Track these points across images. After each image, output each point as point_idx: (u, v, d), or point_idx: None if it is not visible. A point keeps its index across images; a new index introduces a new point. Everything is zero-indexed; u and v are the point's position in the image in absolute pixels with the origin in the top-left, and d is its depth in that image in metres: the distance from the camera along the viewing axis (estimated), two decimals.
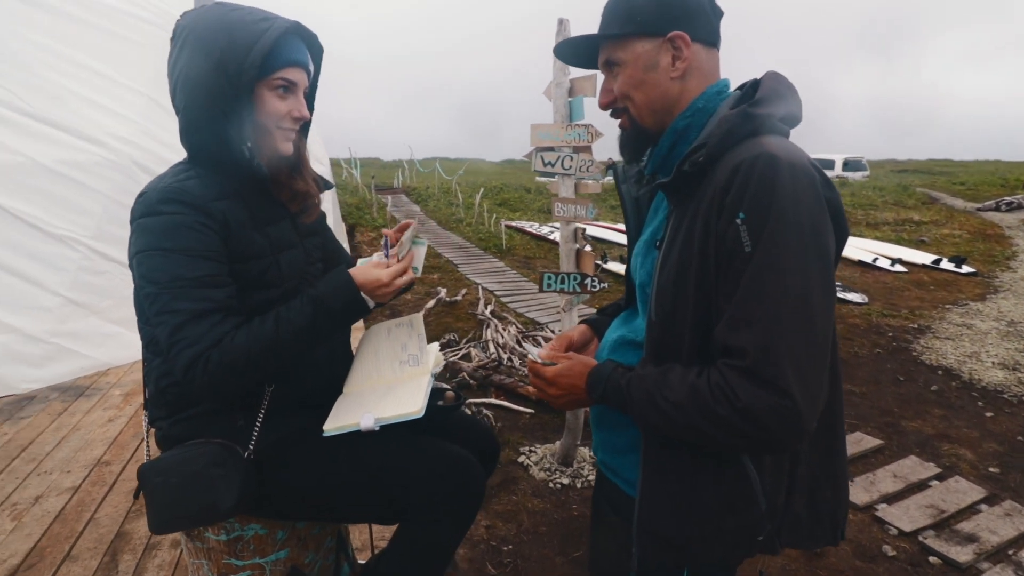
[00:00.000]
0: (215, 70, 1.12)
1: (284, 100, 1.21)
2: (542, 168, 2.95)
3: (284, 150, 1.25)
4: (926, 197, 17.36)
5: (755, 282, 0.84)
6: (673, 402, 0.90)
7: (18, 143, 3.90)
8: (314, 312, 1.18)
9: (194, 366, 1.07)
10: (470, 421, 1.62)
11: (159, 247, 1.10)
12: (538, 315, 6.25)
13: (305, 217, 1.39)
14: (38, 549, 2.24)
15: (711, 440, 0.89)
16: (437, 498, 1.28)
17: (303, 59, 1.22)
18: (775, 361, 0.82)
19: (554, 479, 3.06)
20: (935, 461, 3.26)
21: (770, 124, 0.92)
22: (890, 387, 4.38)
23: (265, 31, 1.13)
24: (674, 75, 1.00)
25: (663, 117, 1.03)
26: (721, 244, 0.87)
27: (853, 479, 3.04)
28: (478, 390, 4.16)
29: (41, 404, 3.65)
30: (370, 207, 14.10)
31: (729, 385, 0.85)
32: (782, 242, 0.83)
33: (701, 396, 0.87)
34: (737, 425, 0.84)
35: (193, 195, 1.14)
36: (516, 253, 10.21)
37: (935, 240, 11.19)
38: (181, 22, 1.17)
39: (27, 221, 3.87)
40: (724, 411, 0.85)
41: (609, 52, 1.04)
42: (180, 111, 1.19)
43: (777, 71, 1.02)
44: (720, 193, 0.88)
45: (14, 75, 3.99)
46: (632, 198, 1.18)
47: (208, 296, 1.11)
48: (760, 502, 0.96)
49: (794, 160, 0.86)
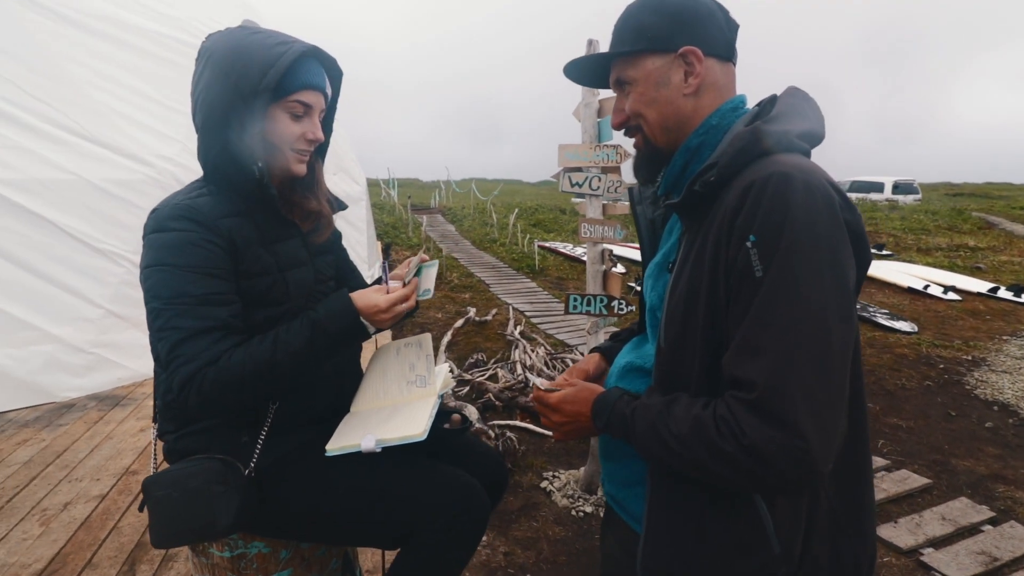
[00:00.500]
0: (231, 91, 1.14)
1: (299, 122, 1.22)
2: (569, 188, 2.93)
3: (297, 171, 1.27)
4: (983, 222, 16.60)
5: (765, 309, 0.78)
6: (677, 435, 0.85)
7: (68, 162, 4.08)
8: (312, 335, 1.17)
9: (189, 383, 1.07)
10: (478, 446, 1.57)
11: (166, 263, 1.11)
12: (568, 337, 6.18)
13: (316, 236, 1.39)
14: (61, 555, 2.28)
15: (716, 477, 0.83)
16: (439, 524, 1.24)
17: (319, 82, 1.24)
18: (786, 395, 0.76)
19: (577, 506, 2.97)
20: (988, 504, 3.04)
21: (786, 142, 0.87)
22: (940, 422, 4.14)
23: (282, 54, 1.15)
24: (687, 91, 0.96)
25: (677, 135, 0.99)
26: (731, 268, 0.82)
27: (897, 520, 2.86)
28: (503, 411, 4.11)
29: (79, 412, 3.76)
30: (406, 226, 14.31)
31: (735, 419, 0.79)
32: (795, 266, 0.77)
33: (706, 430, 0.82)
34: (743, 463, 0.79)
35: (202, 213, 1.15)
36: (549, 274, 10.17)
37: (992, 267, 10.66)
38: (205, 44, 1.20)
39: (74, 236, 4.04)
40: (730, 447, 0.79)
41: (620, 71, 1.01)
42: (198, 129, 1.22)
43: (797, 87, 0.97)
44: (731, 214, 0.83)
45: (67, 96, 4.20)
46: (647, 219, 1.15)
47: (210, 314, 1.11)
48: (773, 544, 0.88)
49: (810, 179, 0.80)
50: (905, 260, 10.99)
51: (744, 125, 0.92)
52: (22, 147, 3.95)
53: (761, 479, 0.79)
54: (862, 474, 0.97)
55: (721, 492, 0.90)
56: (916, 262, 10.81)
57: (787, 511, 0.89)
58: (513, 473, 3.26)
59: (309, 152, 1.27)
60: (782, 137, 0.87)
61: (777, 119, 0.89)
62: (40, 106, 4.09)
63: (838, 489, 0.93)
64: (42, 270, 3.96)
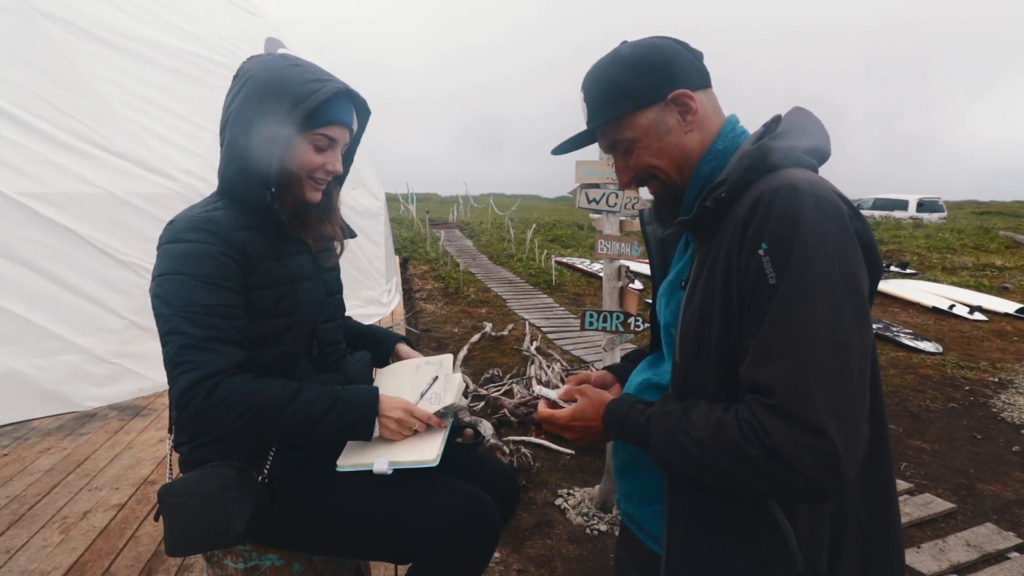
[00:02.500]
0: (262, 117, 1.20)
1: (321, 154, 1.27)
2: (586, 205, 2.94)
3: (311, 199, 1.32)
4: (1010, 241, 16.27)
5: (782, 314, 0.79)
6: (696, 439, 0.84)
7: (94, 175, 4.18)
8: (331, 408, 1.19)
9: (193, 390, 1.08)
10: (490, 461, 1.57)
11: (179, 271, 1.14)
12: (584, 353, 6.15)
13: (326, 259, 1.43)
14: (80, 564, 2.30)
15: (738, 483, 0.81)
16: (449, 538, 1.24)
17: (347, 120, 1.29)
18: (807, 398, 0.75)
19: (592, 525, 2.94)
20: (1015, 531, 2.95)
21: (793, 157, 0.89)
22: (965, 446, 4.04)
23: (316, 91, 1.21)
24: (688, 130, 0.99)
25: (690, 170, 1.01)
26: (744, 278, 0.83)
27: (920, 545, 2.78)
28: (518, 427, 4.09)
29: (100, 422, 3.82)
30: (424, 241, 14.41)
31: (759, 422, 0.78)
32: (809, 271, 0.77)
33: (728, 434, 0.80)
34: (767, 467, 0.77)
35: (218, 225, 1.19)
36: (566, 289, 10.16)
37: (1020, 287, 10.41)
38: (245, 65, 1.26)
39: (99, 248, 4.13)
40: (754, 451, 0.77)
41: (613, 135, 1.02)
42: (223, 145, 1.26)
43: (802, 106, 1.00)
44: (741, 227, 0.84)
45: (94, 112, 4.31)
46: (657, 239, 1.16)
47: (217, 325, 1.13)
48: (797, 561, 0.86)
49: (818, 190, 0.82)
50: (930, 279, 10.78)
51: (751, 144, 0.95)
52: (51, 161, 4.06)
53: (787, 485, 0.77)
54: (888, 489, 0.96)
55: (742, 508, 0.89)
56: (941, 281, 10.61)
57: (809, 526, 0.88)
58: (527, 490, 3.23)
59: (326, 182, 1.33)
60: (789, 152, 0.89)
61: (783, 136, 0.92)
62: (69, 121, 4.20)
63: (864, 503, 0.92)
64: (68, 281, 4.04)
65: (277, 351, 1.27)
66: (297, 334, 1.30)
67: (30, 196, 3.92)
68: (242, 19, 6.28)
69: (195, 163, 4.67)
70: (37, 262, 3.93)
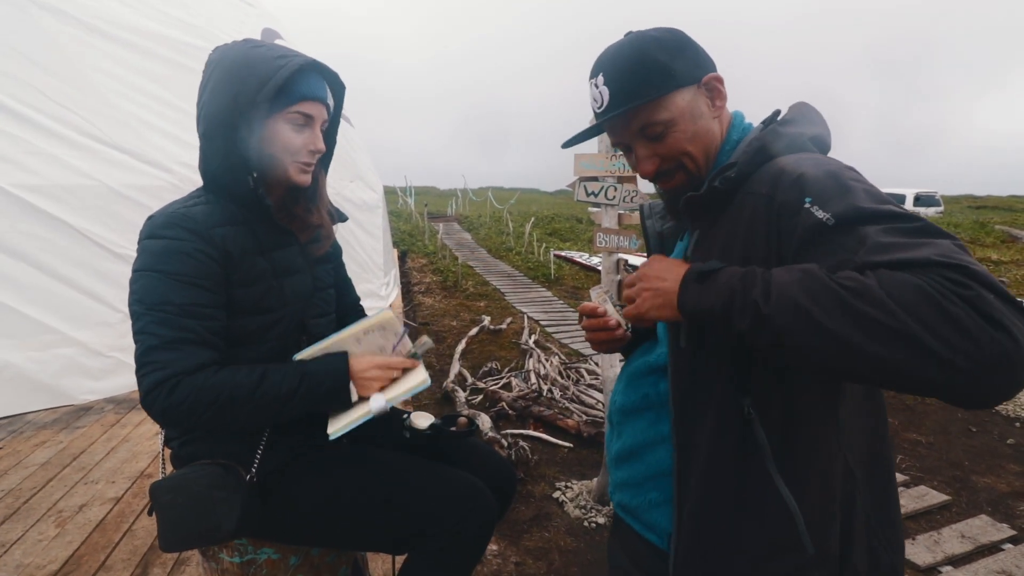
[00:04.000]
0: (231, 102, 1.16)
1: (300, 133, 1.23)
2: (585, 198, 2.92)
3: (300, 181, 1.28)
4: (1006, 235, 16.30)
5: (873, 221, 0.73)
6: (859, 287, 0.66)
7: (90, 167, 4.15)
8: (299, 385, 1.16)
9: (157, 390, 1.06)
10: (484, 450, 1.56)
11: (155, 269, 1.12)
12: (582, 347, 6.15)
13: (315, 248, 1.40)
14: (76, 557, 2.29)
15: (912, 347, 0.63)
16: (445, 527, 1.24)
17: (321, 94, 1.25)
18: (984, 270, 0.66)
19: (589, 518, 2.95)
20: (1009, 522, 2.96)
21: (800, 142, 0.91)
22: (960, 438, 4.06)
23: (282, 67, 1.17)
24: (715, 116, 0.99)
25: (712, 160, 1.01)
26: (790, 240, 0.80)
27: (915, 537, 2.80)
28: (517, 420, 4.09)
29: (96, 415, 3.81)
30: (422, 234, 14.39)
31: (955, 279, 0.64)
32: (858, 191, 0.78)
33: (909, 282, 0.64)
34: (971, 325, 0.61)
35: (195, 221, 1.16)
36: (564, 283, 10.16)
37: (1015, 281, 10.44)
38: (211, 55, 1.23)
39: (95, 241, 4.10)
40: (955, 306, 0.62)
41: (646, 117, 0.96)
42: (200, 138, 1.24)
43: (805, 101, 1.01)
44: (765, 201, 0.85)
45: (90, 103, 4.28)
46: (656, 233, 1.16)
47: (187, 326, 1.11)
48: (805, 544, 0.85)
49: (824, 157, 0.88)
50: None
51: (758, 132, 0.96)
52: (46, 153, 4.03)
53: (990, 351, 0.61)
54: (889, 472, 0.97)
55: (750, 489, 0.89)
56: None
57: (817, 509, 0.88)
58: (525, 483, 3.24)
59: (312, 163, 1.28)
60: (796, 138, 0.91)
61: (790, 123, 0.94)
62: (64, 112, 4.17)
63: (868, 487, 0.92)
64: (64, 274, 4.02)
65: (265, 348, 1.25)
66: (285, 330, 1.28)
67: (25, 188, 3.90)
68: (239, 10, 6.23)
69: (191, 155, 4.60)
70: (32, 255, 3.91)
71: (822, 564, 0.88)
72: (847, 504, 0.89)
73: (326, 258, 1.45)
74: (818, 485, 0.88)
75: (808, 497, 0.87)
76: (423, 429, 1.48)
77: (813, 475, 0.88)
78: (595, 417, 4.07)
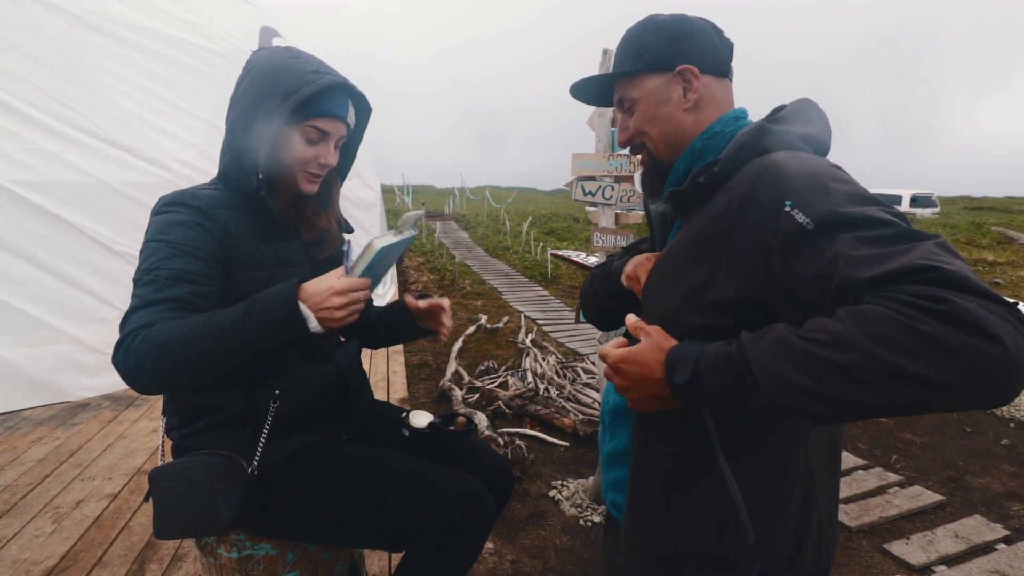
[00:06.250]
0: (257, 105, 1.21)
1: (313, 147, 1.27)
2: (582, 197, 2.93)
3: (307, 190, 1.32)
4: (1002, 236, 16.38)
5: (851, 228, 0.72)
6: (829, 340, 0.65)
7: (88, 164, 4.15)
8: (245, 311, 1.05)
9: (119, 345, 1.04)
10: (483, 450, 1.58)
11: (154, 238, 1.17)
12: (579, 346, 6.16)
13: (318, 251, 1.42)
14: (72, 553, 2.30)
15: (901, 382, 0.62)
16: (443, 527, 1.25)
17: (341, 113, 1.28)
18: (961, 269, 0.64)
19: (585, 516, 2.96)
20: (1003, 522, 2.98)
21: (788, 140, 0.89)
22: (955, 438, 4.07)
23: (311, 82, 1.21)
24: (686, 107, 1.00)
25: (679, 149, 1.02)
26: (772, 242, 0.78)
27: (909, 537, 2.81)
28: (513, 419, 4.10)
29: (93, 412, 3.81)
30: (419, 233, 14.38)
31: (924, 293, 0.62)
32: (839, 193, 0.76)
33: (879, 318, 0.63)
34: (950, 341, 0.59)
35: (201, 200, 1.21)
36: (561, 282, 10.16)
37: (1011, 283, 10.50)
38: (253, 55, 1.28)
39: (93, 238, 4.11)
40: (928, 326, 0.60)
41: (622, 91, 1.05)
42: (226, 130, 1.28)
43: (808, 98, 1.00)
44: (740, 200, 0.83)
45: (88, 100, 4.27)
46: (659, 215, 1.15)
47: (171, 288, 1.09)
48: (747, 533, 0.87)
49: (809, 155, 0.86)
50: None
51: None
52: (43, 150, 4.03)
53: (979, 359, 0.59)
54: (838, 473, 1.00)
55: (692, 465, 0.90)
56: None
57: (767, 499, 0.88)
58: (521, 481, 3.25)
59: (320, 175, 1.32)
60: (785, 136, 0.89)
61: (782, 120, 0.93)
62: (61, 109, 4.16)
63: (825, 488, 0.93)
64: (60, 271, 4.02)
65: None
66: None
67: (23, 185, 3.89)
68: (238, 7, 6.22)
69: (189, 152, 4.64)
70: (29, 251, 3.91)
71: (764, 555, 0.87)
72: (806, 501, 0.90)
73: (328, 261, 1.47)
74: (772, 478, 0.88)
75: (756, 487, 0.88)
76: (422, 428, 1.49)
77: (765, 467, 0.88)
78: (591, 416, 4.07)
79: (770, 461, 0.88)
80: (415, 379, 4.88)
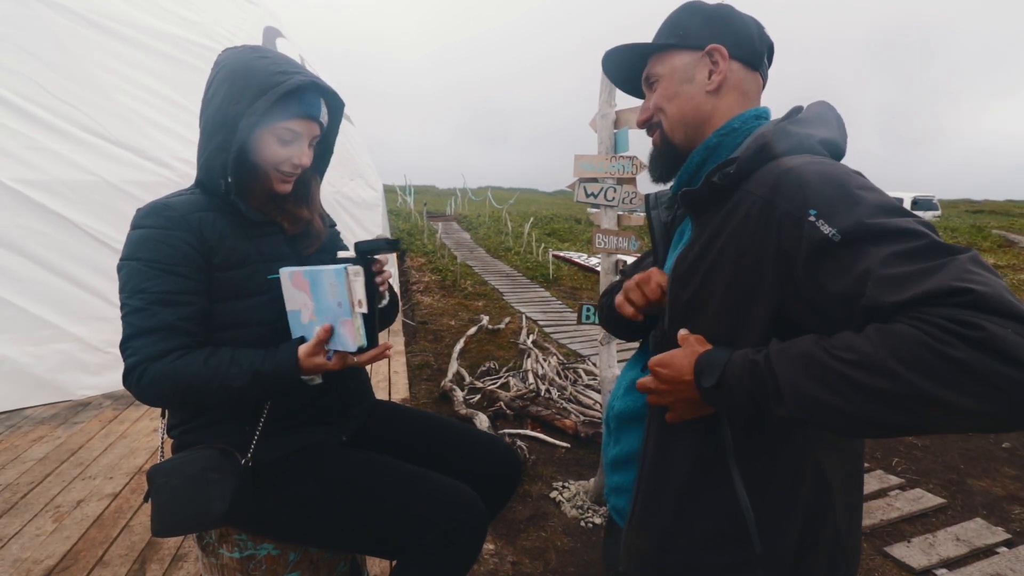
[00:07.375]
0: (226, 107, 1.20)
1: (286, 147, 1.26)
2: (584, 199, 2.93)
3: (281, 190, 1.32)
4: (1003, 240, 16.36)
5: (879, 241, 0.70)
6: (856, 361, 0.65)
7: (91, 163, 4.15)
8: (251, 383, 1.17)
9: (129, 375, 1.14)
10: (488, 441, 1.57)
11: (133, 257, 1.18)
12: (580, 347, 6.16)
13: (304, 246, 1.41)
14: (73, 552, 2.30)
15: (928, 406, 0.62)
16: (431, 538, 1.24)
17: (313, 112, 1.27)
18: (996, 289, 0.62)
19: (586, 518, 2.95)
20: (1004, 526, 2.98)
21: (808, 144, 0.87)
22: (956, 441, 4.07)
23: (280, 83, 1.20)
24: (709, 88, 0.97)
25: (694, 133, 1.00)
26: (795, 251, 0.76)
27: (910, 540, 2.81)
28: (514, 420, 4.10)
29: (95, 411, 3.81)
30: (421, 233, 14.38)
31: (957, 318, 0.61)
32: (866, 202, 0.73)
33: (910, 340, 0.62)
34: (982, 368, 0.59)
35: (174, 210, 1.20)
36: (563, 284, 10.16)
37: (1012, 286, 10.49)
38: (220, 56, 1.26)
39: (95, 236, 4.10)
40: (959, 352, 0.60)
41: (650, 67, 1.04)
42: (199, 133, 1.28)
43: (826, 101, 0.98)
44: (761, 206, 0.81)
45: (92, 99, 4.27)
46: (662, 223, 1.13)
47: (159, 314, 1.15)
48: (753, 542, 0.85)
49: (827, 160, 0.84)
50: None
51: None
52: (46, 148, 4.03)
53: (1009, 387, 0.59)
54: (861, 488, 0.97)
55: (706, 475, 0.88)
56: None
57: (776, 510, 0.87)
58: (522, 482, 3.25)
59: (294, 175, 1.32)
60: (805, 139, 0.88)
61: (802, 123, 0.91)
62: (65, 108, 4.16)
63: (845, 503, 0.92)
64: (62, 269, 4.02)
65: (252, 333, 1.26)
66: (270, 315, 1.28)
67: (25, 183, 3.89)
68: (242, 8, 6.23)
69: (191, 152, 4.62)
70: (31, 250, 3.91)
71: (769, 564, 0.87)
72: (818, 513, 0.88)
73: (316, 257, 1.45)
74: (781, 489, 0.87)
75: (767, 499, 0.86)
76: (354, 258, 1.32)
77: (776, 479, 0.87)
78: (592, 417, 4.07)
79: (782, 472, 0.87)
80: (416, 380, 4.88)
